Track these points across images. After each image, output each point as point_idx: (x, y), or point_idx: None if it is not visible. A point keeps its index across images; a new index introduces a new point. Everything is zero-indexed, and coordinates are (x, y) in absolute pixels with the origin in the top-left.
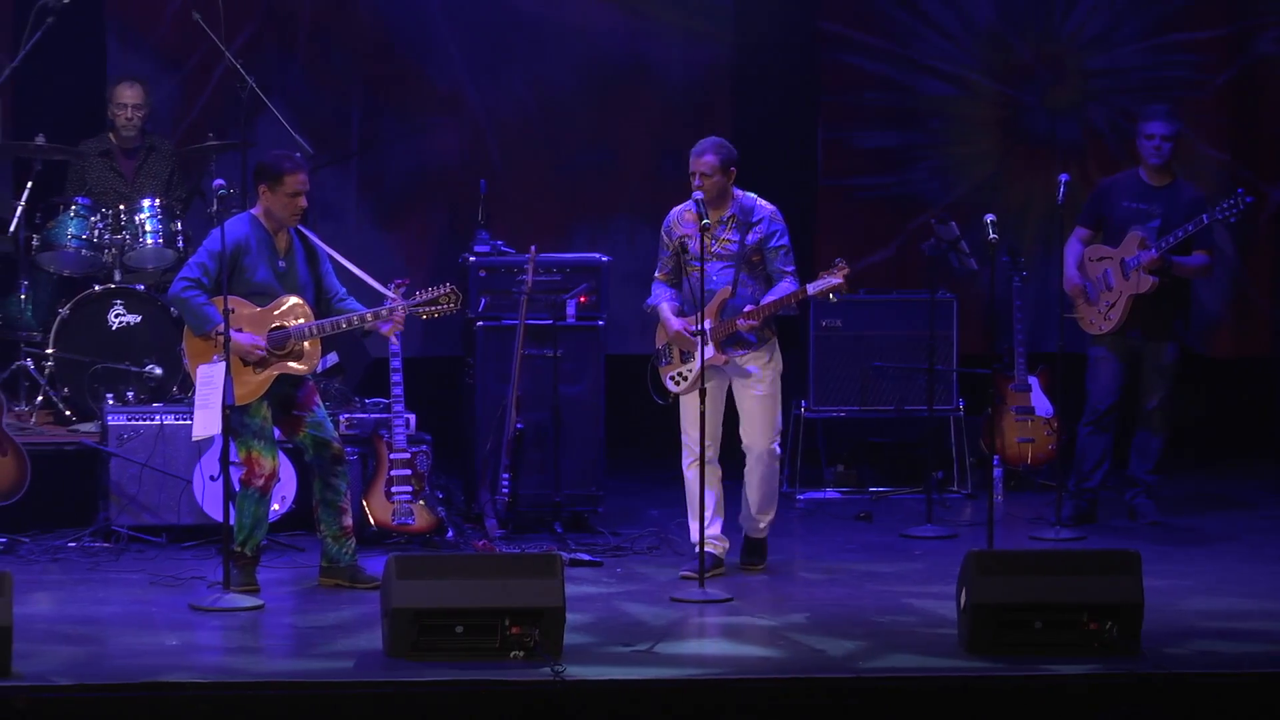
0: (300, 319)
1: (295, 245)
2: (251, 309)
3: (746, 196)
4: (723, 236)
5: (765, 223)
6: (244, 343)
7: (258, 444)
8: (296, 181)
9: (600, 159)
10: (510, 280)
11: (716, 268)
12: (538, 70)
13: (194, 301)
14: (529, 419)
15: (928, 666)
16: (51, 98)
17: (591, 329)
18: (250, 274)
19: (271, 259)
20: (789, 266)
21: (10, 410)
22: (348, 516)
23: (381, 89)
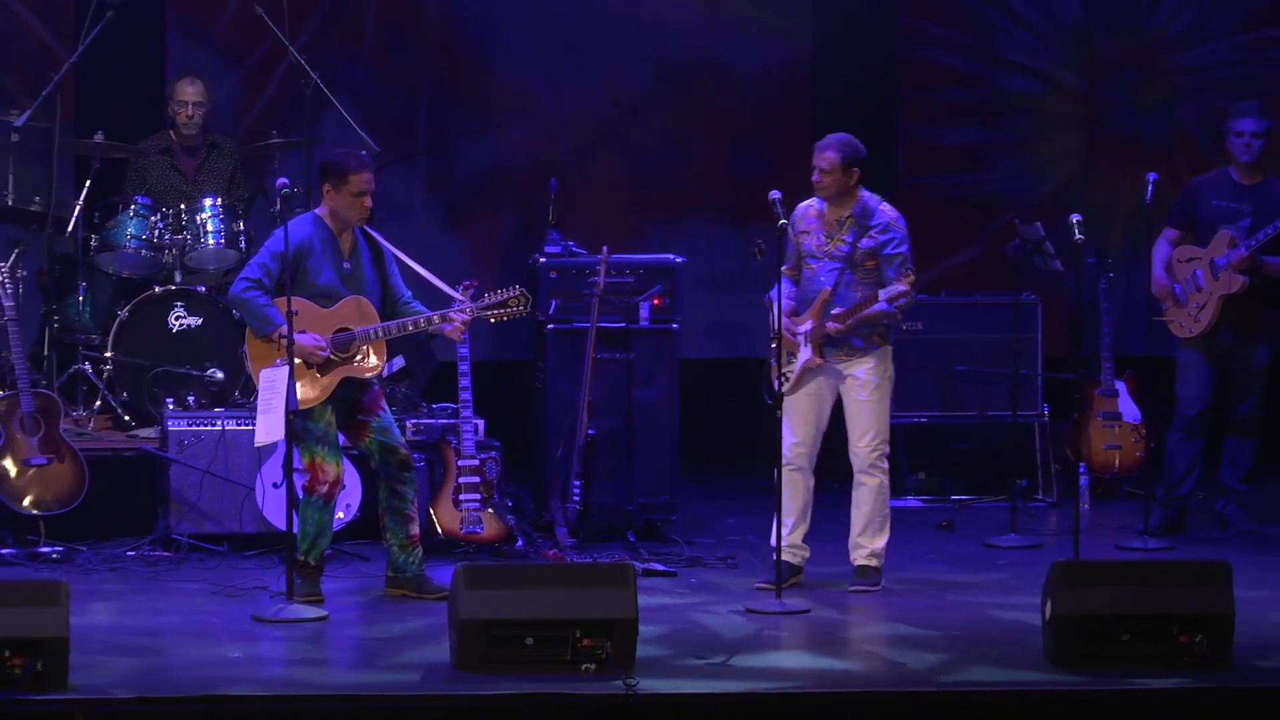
0: (365, 321)
1: (361, 246)
2: (315, 310)
3: (871, 199)
4: (837, 237)
5: (881, 229)
6: (307, 344)
7: (321, 450)
8: (362, 180)
9: (674, 158)
10: (582, 282)
11: (826, 268)
12: (611, 66)
13: (255, 302)
14: (601, 425)
15: (1011, 680)
16: (111, 94)
17: (665, 332)
18: (314, 275)
19: (336, 260)
20: (904, 276)
21: (68, 415)
22: (415, 525)
23: (450, 85)
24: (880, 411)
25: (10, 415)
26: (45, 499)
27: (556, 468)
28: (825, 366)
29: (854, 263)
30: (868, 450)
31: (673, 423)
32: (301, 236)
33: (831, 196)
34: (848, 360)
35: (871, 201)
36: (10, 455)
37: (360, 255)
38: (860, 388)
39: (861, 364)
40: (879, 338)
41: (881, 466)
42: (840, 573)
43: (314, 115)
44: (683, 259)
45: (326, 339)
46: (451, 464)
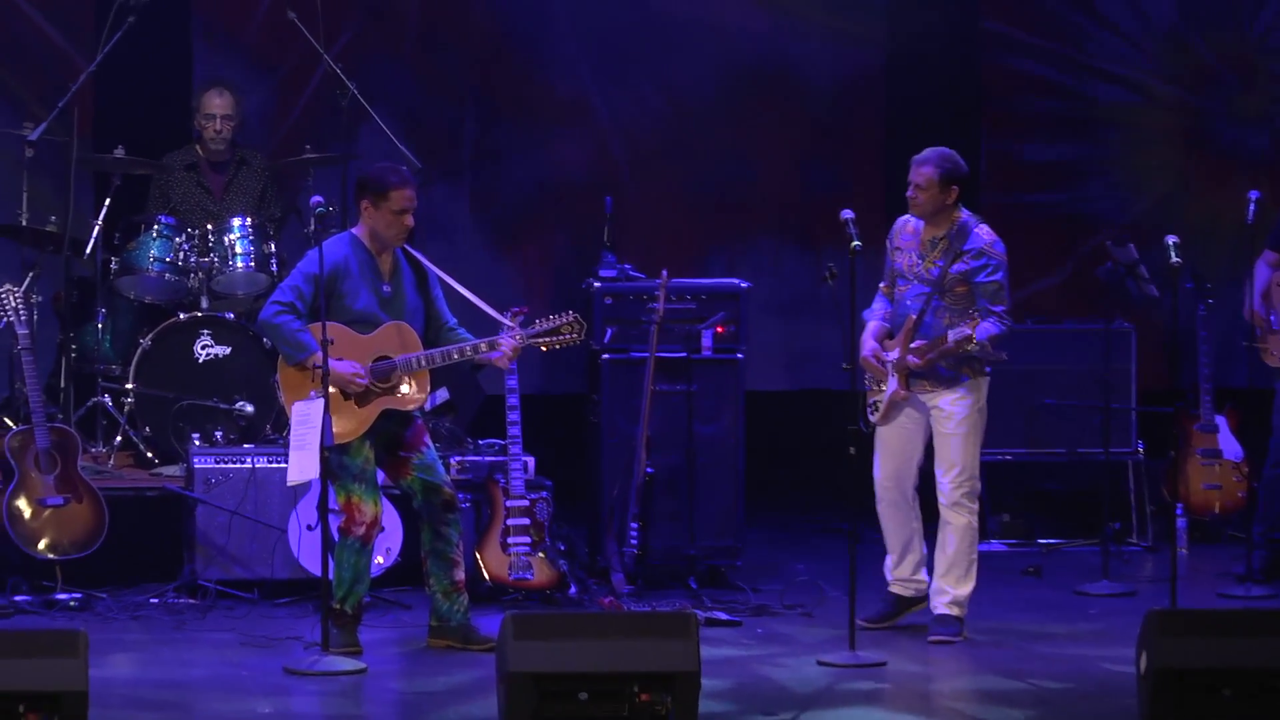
0: (407, 349)
1: (402, 267)
2: (353, 337)
3: (970, 220)
4: (929, 259)
5: (975, 254)
6: (344, 372)
7: (359, 488)
8: (403, 198)
9: (740, 173)
10: (639, 308)
11: (914, 292)
12: (670, 75)
13: (287, 328)
14: (660, 462)
15: None
16: (133, 106)
17: (730, 362)
18: (350, 300)
19: (375, 283)
20: (997, 306)
21: (86, 451)
22: (460, 570)
23: (497, 96)
24: (967, 446)
25: (24, 451)
26: (62, 542)
27: (612, 509)
28: (913, 398)
29: (943, 288)
30: (951, 487)
31: (738, 460)
32: (337, 258)
33: (927, 215)
34: (933, 391)
35: (970, 223)
36: (24, 495)
37: (402, 278)
38: (945, 420)
39: (947, 395)
40: (970, 369)
41: (968, 506)
42: (918, 621)
43: (351, 128)
44: (748, 283)
45: (365, 367)
46: (499, 505)
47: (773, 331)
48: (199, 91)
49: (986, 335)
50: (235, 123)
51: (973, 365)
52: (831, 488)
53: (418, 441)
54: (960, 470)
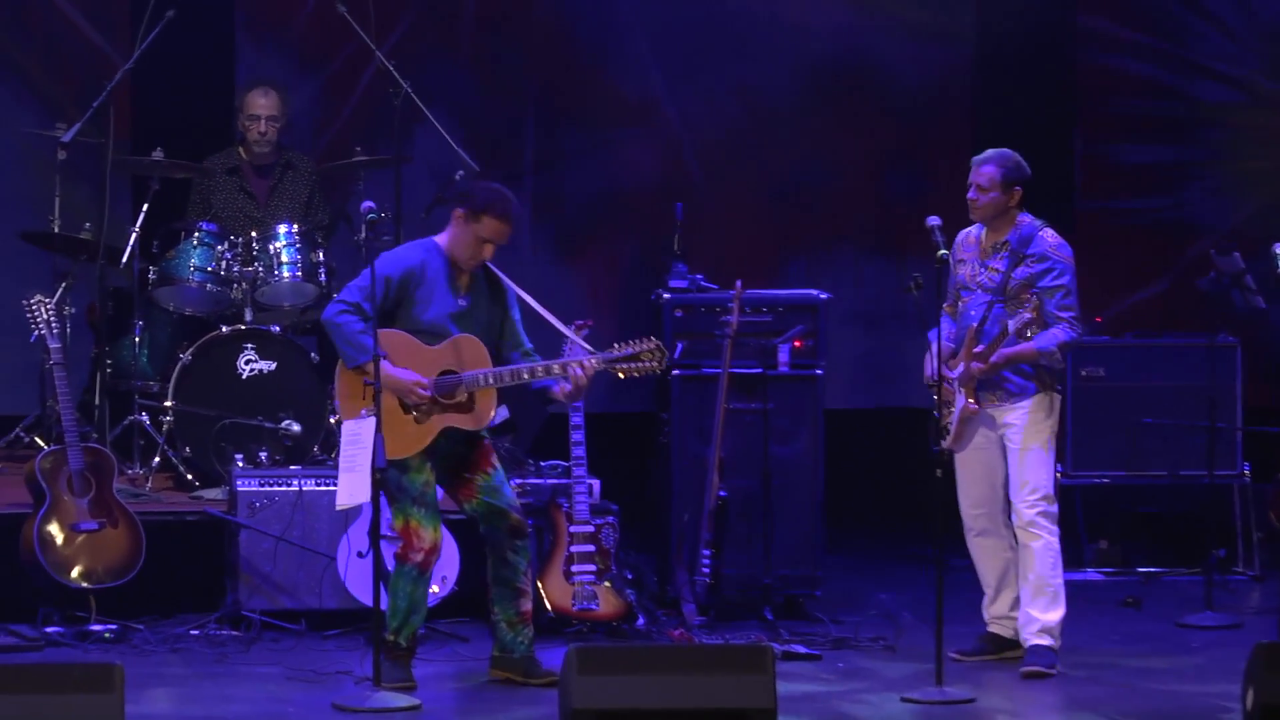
0: (475, 365)
1: (481, 283)
2: (418, 348)
3: (1032, 224)
4: (991, 265)
5: (1038, 257)
6: (403, 379)
7: (418, 512)
8: (495, 229)
9: (818, 178)
10: (712, 321)
11: (976, 301)
12: (745, 75)
13: (348, 328)
14: (734, 485)
15: None
16: (172, 106)
17: (808, 379)
18: (421, 308)
19: (450, 295)
20: (1065, 312)
21: (122, 473)
22: (527, 600)
23: (561, 96)
24: (1038, 463)
25: (56, 473)
26: (96, 569)
27: (683, 535)
28: (984, 414)
29: (1006, 294)
30: (1025, 506)
31: (816, 483)
32: (411, 263)
33: (988, 218)
34: (1002, 405)
35: (1032, 226)
36: (56, 519)
37: (479, 292)
38: (1014, 435)
39: (1016, 409)
40: (1040, 382)
41: (1044, 526)
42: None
43: (404, 130)
44: (828, 295)
45: (430, 380)
46: (563, 531)
47: (853, 345)
48: (242, 90)
49: (1055, 342)
50: (281, 124)
51: (1042, 378)
52: (917, 512)
53: (484, 462)
54: (1032, 488)
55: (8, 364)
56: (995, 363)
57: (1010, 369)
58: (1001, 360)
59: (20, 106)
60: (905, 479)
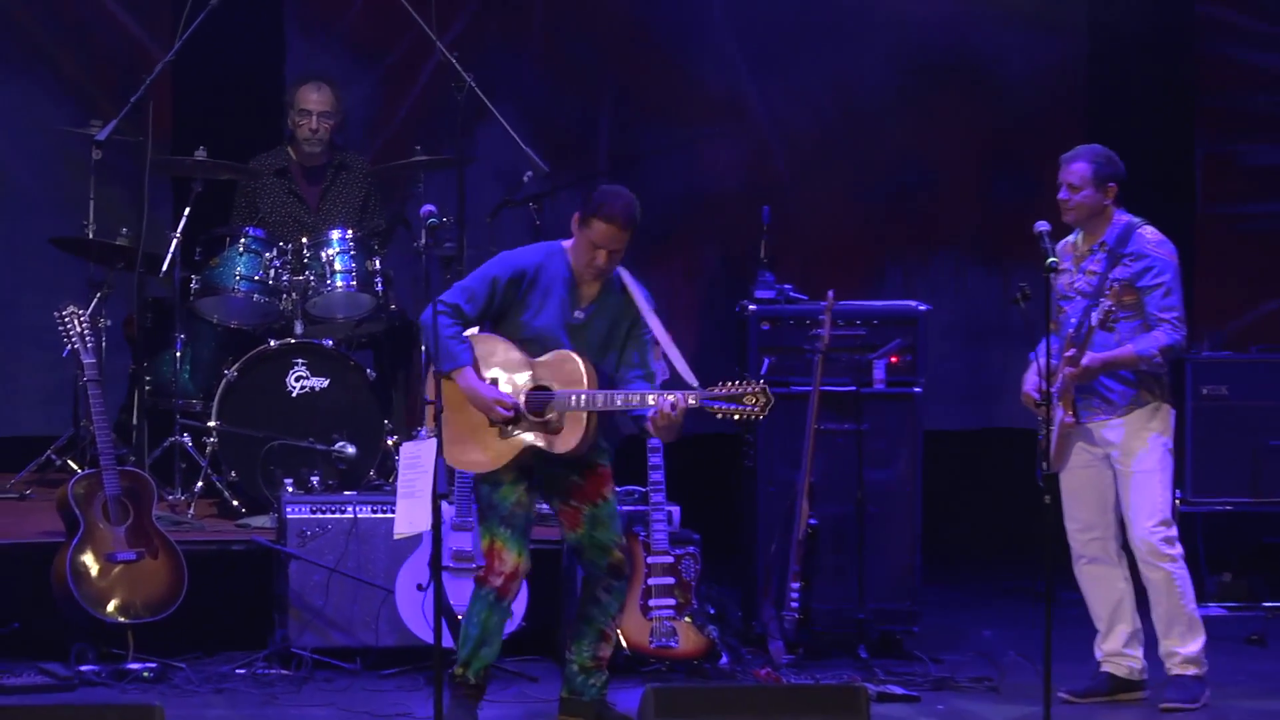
0: (573, 384)
1: (611, 298)
2: (517, 356)
3: (1130, 221)
4: (1089, 268)
5: (1136, 255)
6: (485, 395)
7: (503, 532)
8: (602, 232)
9: (918, 180)
10: (801, 335)
11: (1075, 308)
12: (839, 68)
13: (443, 332)
14: (824, 513)
15: None
16: (216, 101)
17: (905, 397)
18: (530, 315)
19: (567, 305)
20: (1167, 313)
21: (161, 499)
22: (608, 646)
23: (638, 91)
24: (1150, 483)
25: (91, 499)
26: (134, 603)
27: (769, 567)
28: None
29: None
30: (1145, 534)
31: (914, 510)
32: (525, 264)
33: (1082, 219)
34: (1105, 419)
35: (1129, 224)
36: (91, 549)
37: (605, 307)
38: (1124, 456)
39: (1119, 423)
40: (1146, 391)
41: (1167, 553)
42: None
43: (467, 128)
44: (927, 306)
45: (520, 394)
46: (640, 562)
47: (955, 361)
48: (292, 85)
49: (1157, 346)
50: (334, 121)
51: (1148, 386)
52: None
53: (595, 491)
54: (1150, 513)
55: (39, 381)
56: (1088, 367)
57: (1110, 376)
58: (1096, 364)
59: (52, 102)
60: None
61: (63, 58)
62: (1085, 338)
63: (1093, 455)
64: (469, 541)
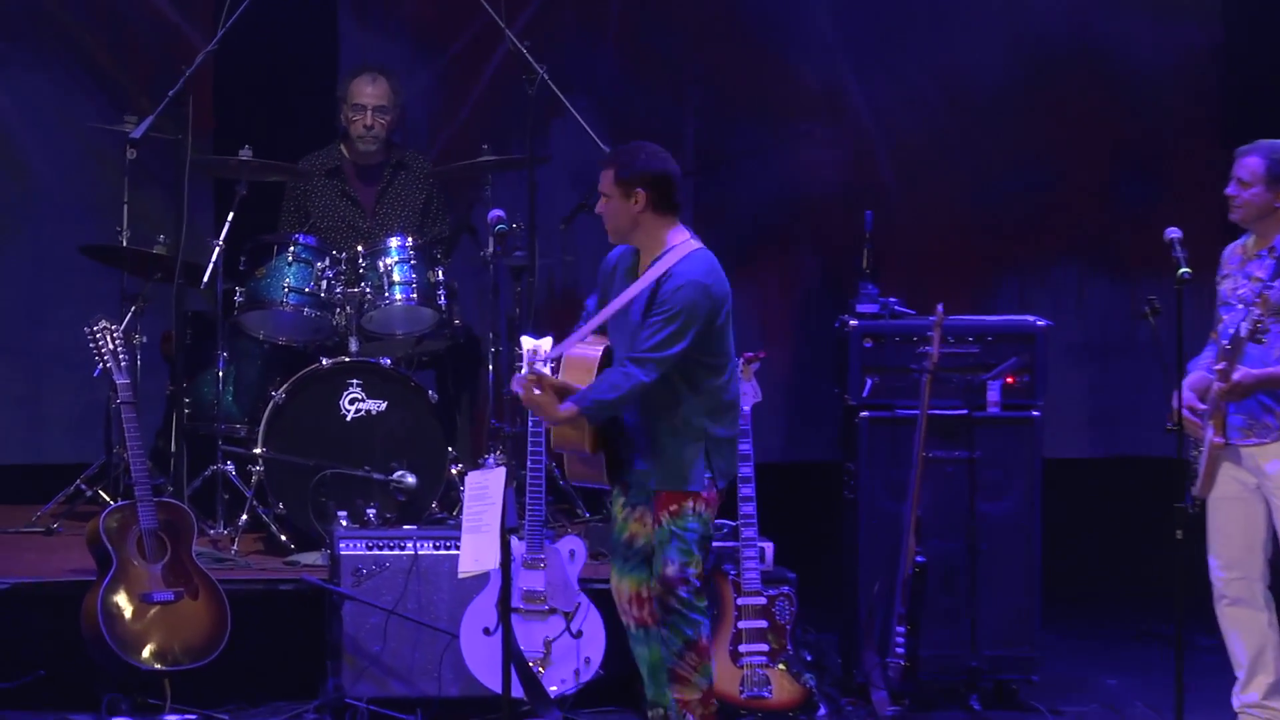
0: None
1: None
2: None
3: None
4: (1254, 273)
5: None
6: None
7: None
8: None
9: (1037, 181)
10: (908, 353)
11: (1236, 317)
12: (948, 58)
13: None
14: (933, 549)
15: None
16: (262, 96)
17: (1023, 421)
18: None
19: (621, 286)
20: None
21: (202, 534)
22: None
23: (726, 84)
24: None
25: (124, 534)
26: (172, 648)
27: (873, 609)
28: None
29: (1270, 307)
30: None
31: (1033, 546)
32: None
33: (1250, 219)
34: (1258, 443)
35: None
36: (124, 588)
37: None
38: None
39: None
40: None
41: None
42: None
43: (539, 124)
44: (1047, 321)
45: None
46: (729, 603)
47: (1077, 383)
48: (346, 78)
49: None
50: (391, 117)
51: None
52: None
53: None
54: None
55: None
56: (1240, 382)
57: (1269, 395)
58: (1249, 380)
59: (82, 96)
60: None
61: (93, 47)
62: (1236, 349)
63: (1243, 485)
64: (540, 581)
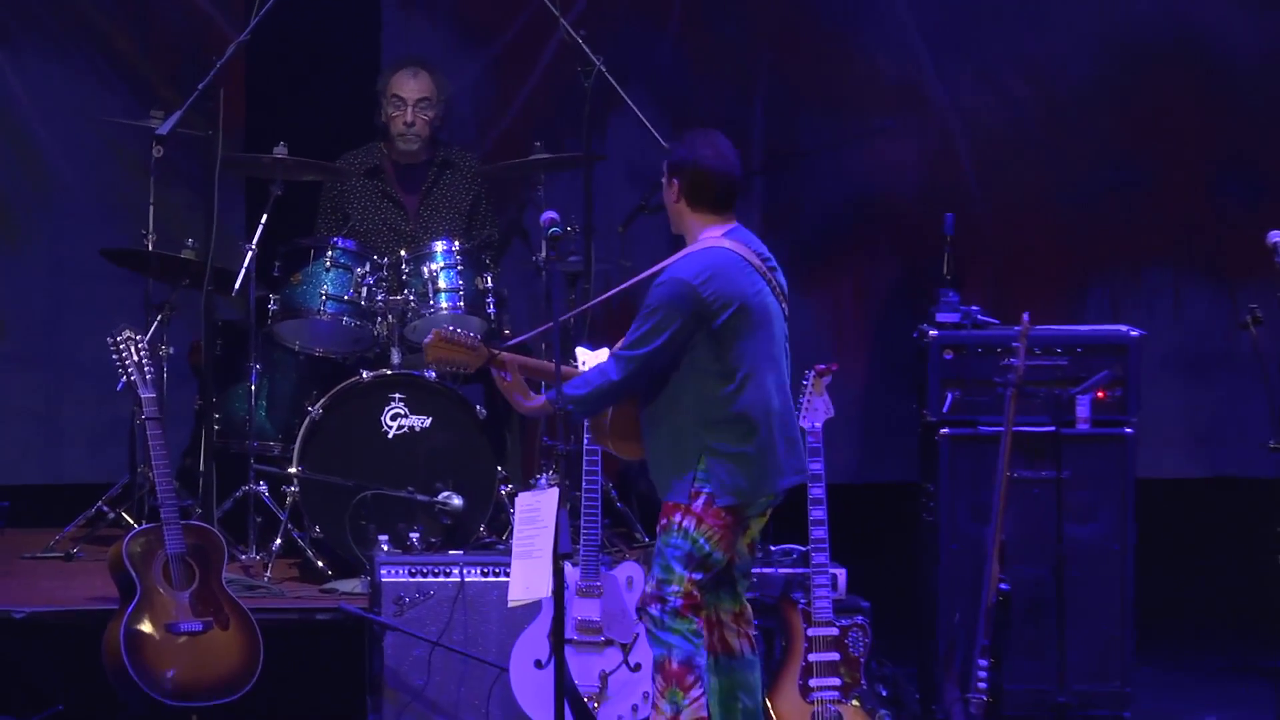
0: None
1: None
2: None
3: None
4: None
5: None
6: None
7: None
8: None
9: (1129, 180)
10: (991, 365)
11: None
12: (1035, 49)
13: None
14: (1018, 576)
15: None
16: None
17: (1115, 439)
18: None
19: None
20: None
21: (233, 559)
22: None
23: (796, 74)
24: None
25: (149, 559)
26: (199, 682)
27: (953, 640)
28: None
29: None
30: None
31: (1125, 573)
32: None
33: None
34: None
35: None
36: (149, 618)
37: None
38: None
39: None
40: None
41: None
42: None
43: (596, 120)
44: (1140, 331)
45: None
46: (798, 634)
47: (1173, 397)
48: (387, 72)
49: None
50: (434, 113)
51: None
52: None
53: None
54: None
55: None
56: None
57: None
58: None
59: (105, 89)
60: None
61: (117, 36)
62: None
63: None
64: (596, 610)
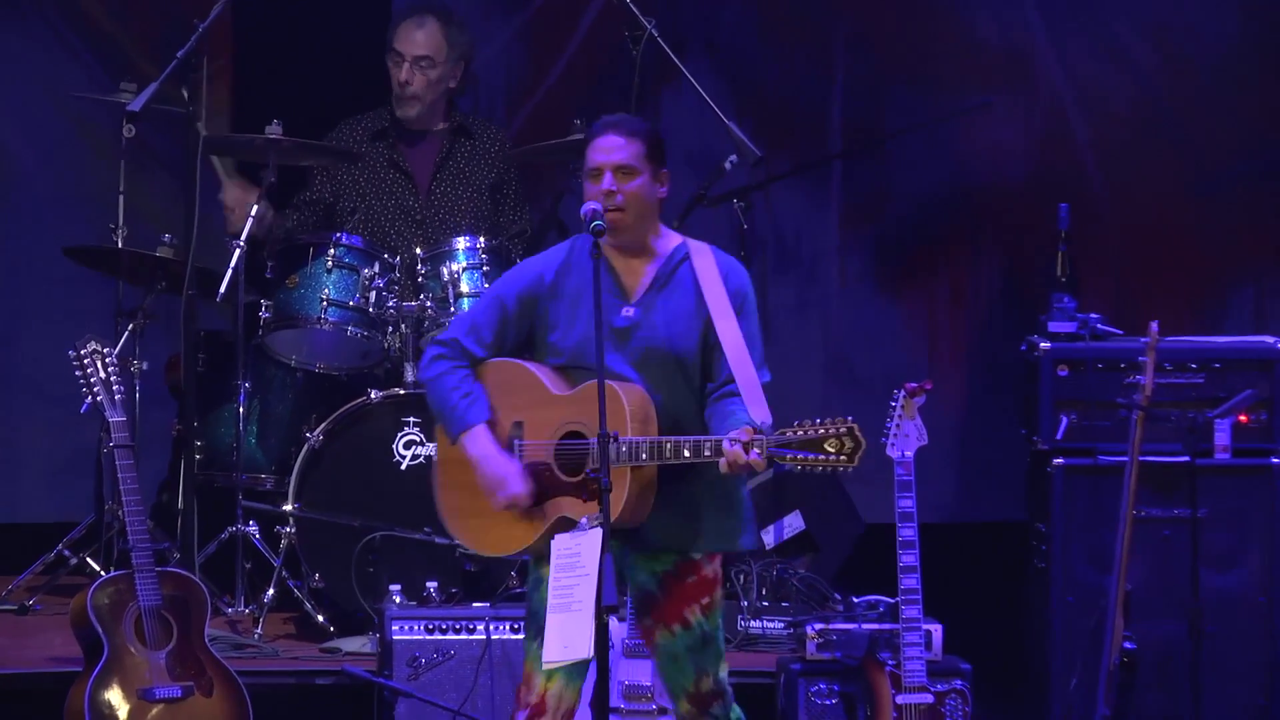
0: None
1: (678, 283)
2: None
3: None
4: None
5: None
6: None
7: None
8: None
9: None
10: (1114, 383)
11: None
12: (1165, 13)
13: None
14: (1146, 632)
15: None
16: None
17: (1260, 470)
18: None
19: (610, 304)
20: None
21: (218, 613)
22: None
23: (881, 42)
24: None
25: (120, 612)
26: None
27: (1070, 708)
28: None
29: None
30: None
31: (1273, 627)
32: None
33: None
34: None
35: None
36: (118, 682)
37: (665, 297)
38: None
39: None
40: None
41: None
42: None
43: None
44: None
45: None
46: (886, 701)
47: None
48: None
49: None
50: (439, 72)
51: None
52: None
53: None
54: None
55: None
56: None
57: None
58: None
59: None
60: None
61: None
62: None
63: None
64: (646, 673)
